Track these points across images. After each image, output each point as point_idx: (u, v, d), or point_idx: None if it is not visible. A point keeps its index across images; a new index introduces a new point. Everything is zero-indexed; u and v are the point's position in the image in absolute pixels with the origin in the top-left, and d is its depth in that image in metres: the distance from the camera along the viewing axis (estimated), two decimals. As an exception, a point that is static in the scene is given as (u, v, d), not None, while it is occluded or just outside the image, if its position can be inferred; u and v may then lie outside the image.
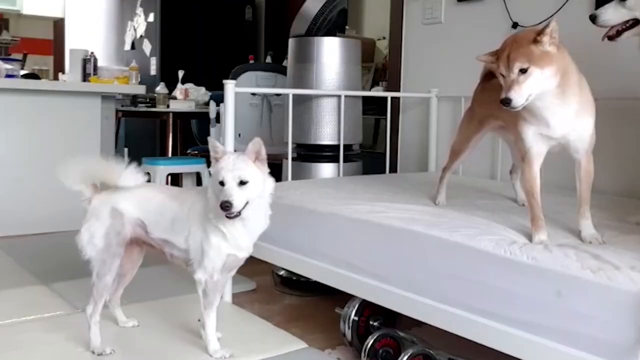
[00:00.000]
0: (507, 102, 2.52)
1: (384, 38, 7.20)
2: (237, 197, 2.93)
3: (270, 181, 3.20)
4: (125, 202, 3.36)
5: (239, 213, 2.95)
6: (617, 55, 2.90)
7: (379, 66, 7.46)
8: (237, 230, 3.13)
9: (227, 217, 2.96)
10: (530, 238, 2.70)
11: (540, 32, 2.50)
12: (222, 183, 2.98)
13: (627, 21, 2.87)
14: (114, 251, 3.30)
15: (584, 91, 2.69)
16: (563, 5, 4.26)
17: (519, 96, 2.51)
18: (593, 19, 2.92)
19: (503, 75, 2.58)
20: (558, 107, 2.64)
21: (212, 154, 3.15)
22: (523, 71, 2.51)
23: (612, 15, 2.88)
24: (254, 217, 3.13)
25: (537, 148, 2.76)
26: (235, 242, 3.16)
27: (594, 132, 2.74)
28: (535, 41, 2.51)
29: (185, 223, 3.26)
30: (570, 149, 2.75)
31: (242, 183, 2.97)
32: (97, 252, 3.29)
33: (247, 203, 2.98)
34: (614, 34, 2.91)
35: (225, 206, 2.88)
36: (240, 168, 3.03)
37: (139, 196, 3.41)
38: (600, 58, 2.93)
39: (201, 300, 3.22)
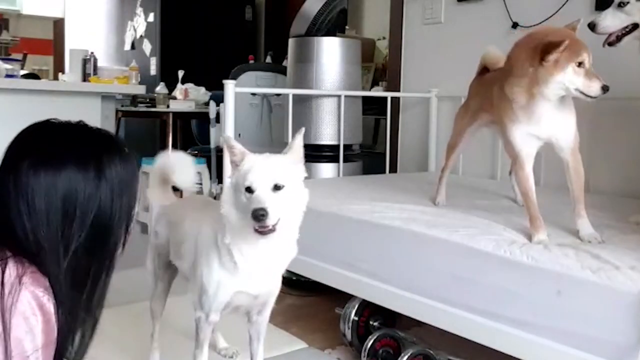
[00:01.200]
0: (606, 87, 2.62)
1: (383, 38, 7.20)
2: (272, 204, 2.28)
3: (306, 191, 2.53)
4: (160, 224, 3.10)
5: (274, 227, 2.31)
6: (616, 55, 2.90)
7: (379, 66, 7.47)
8: (257, 256, 2.50)
9: (259, 232, 2.31)
10: (529, 238, 2.70)
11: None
12: (249, 189, 2.33)
13: (627, 26, 2.87)
14: (157, 274, 3.10)
15: None
16: (562, 6, 4.26)
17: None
18: (592, 27, 2.93)
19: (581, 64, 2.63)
20: (554, 107, 2.69)
21: (229, 157, 2.53)
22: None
23: (611, 21, 2.89)
24: (282, 237, 2.47)
25: (527, 149, 2.79)
26: (248, 275, 2.53)
27: (576, 131, 2.78)
28: None
29: (192, 247, 2.72)
30: (556, 148, 2.78)
31: (277, 188, 2.34)
32: (148, 274, 3.12)
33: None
34: (614, 40, 2.92)
35: (260, 215, 2.22)
36: (274, 168, 2.42)
37: (173, 214, 3.02)
38: (599, 58, 2.93)
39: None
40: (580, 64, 2.56)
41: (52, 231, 1.66)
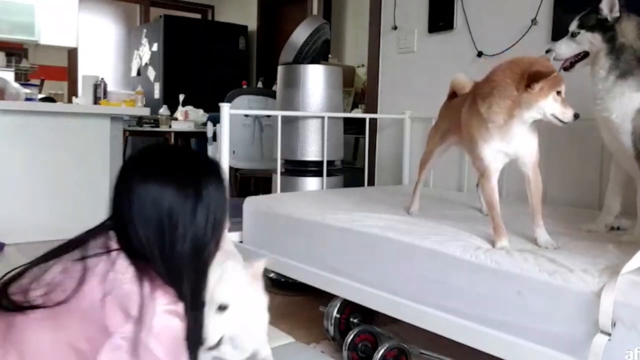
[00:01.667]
0: (577, 115, 2.63)
1: (362, 65, 7.19)
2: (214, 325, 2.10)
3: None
4: None
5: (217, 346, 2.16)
6: (572, 80, 2.90)
7: (358, 90, 7.46)
8: None
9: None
10: (493, 244, 2.70)
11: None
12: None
13: (579, 54, 2.89)
14: None
15: None
16: (522, 37, 4.27)
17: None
18: (549, 53, 2.95)
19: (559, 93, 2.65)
20: (521, 126, 2.69)
21: None
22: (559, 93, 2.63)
23: (565, 49, 2.92)
24: None
25: (495, 165, 2.79)
26: None
27: (538, 149, 2.79)
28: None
29: None
30: (520, 164, 2.78)
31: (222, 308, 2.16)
32: None
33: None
34: (568, 66, 2.94)
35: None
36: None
37: None
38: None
39: None
40: (559, 93, 2.58)
41: (160, 239, 1.75)
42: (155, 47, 9.61)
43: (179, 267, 1.77)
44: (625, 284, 2.10)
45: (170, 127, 7.72)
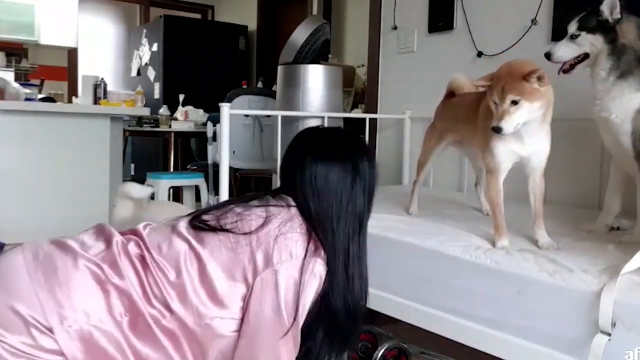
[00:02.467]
0: (498, 130, 2.55)
1: (362, 65, 7.19)
2: None
3: None
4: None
5: None
6: (572, 80, 2.90)
7: (358, 90, 7.45)
8: None
9: None
10: (493, 244, 2.70)
11: (530, 73, 2.51)
12: None
13: (578, 56, 2.88)
14: None
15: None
16: (522, 37, 4.27)
17: (509, 125, 2.54)
18: (548, 56, 2.93)
19: (495, 103, 2.60)
20: (538, 130, 2.68)
21: None
22: (514, 102, 2.53)
23: (564, 52, 2.89)
24: None
25: (506, 164, 2.78)
26: None
27: (548, 154, 2.78)
28: (526, 78, 2.52)
29: None
30: (529, 167, 2.77)
31: None
32: None
33: None
34: (568, 68, 2.92)
35: None
36: None
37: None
38: (557, 83, 2.93)
39: None
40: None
41: (329, 211, 2.12)
42: (155, 47, 9.61)
43: (340, 239, 2.11)
44: (625, 284, 2.11)
45: (170, 127, 7.71)
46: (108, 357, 1.83)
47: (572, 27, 2.88)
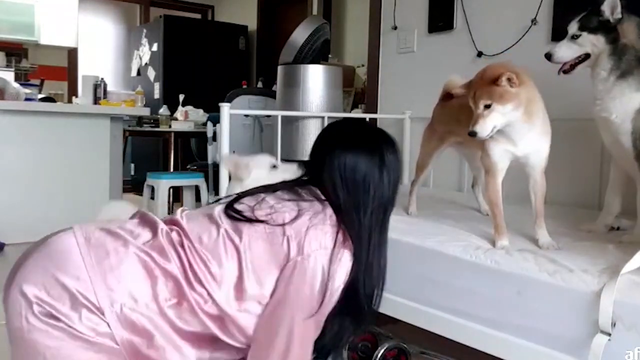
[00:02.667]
0: (473, 134, 2.59)
1: (362, 65, 7.19)
2: None
3: None
4: None
5: None
6: (572, 80, 2.90)
7: (358, 90, 7.45)
8: None
9: None
10: (493, 244, 2.70)
11: (499, 76, 2.53)
12: None
13: (579, 56, 2.87)
14: None
15: (545, 115, 2.73)
16: (522, 37, 4.27)
17: (484, 129, 2.57)
18: (549, 57, 2.93)
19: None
20: (526, 130, 2.67)
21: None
22: (487, 106, 2.56)
23: (565, 52, 2.89)
24: None
25: (502, 164, 2.78)
26: None
27: (548, 152, 2.77)
28: (496, 82, 2.54)
29: None
30: (528, 167, 2.77)
31: None
32: None
33: None
34: (568, 69, 2.92)
35: None
36: None
37: None
38: (557, 83, 2.94)
39: None
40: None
41: (357, 201, 2.18)
42: (155, 47, 9.61)
43: (365, 228, 2.18)
44: (625, 284, 2.11)
45: (170, 127, 7.71)
46: (152, 341, 1.93)
47: (573, 28, 2.88)
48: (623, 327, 2.05)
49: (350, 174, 2.19)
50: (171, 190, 6.79)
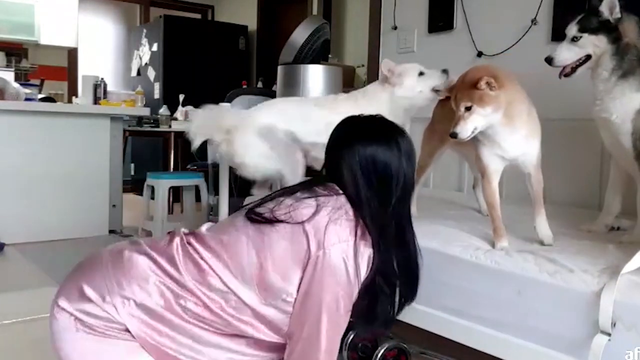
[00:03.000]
0: (454, 135, 2.63)
1: (362, 65, 7.19)
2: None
3: None
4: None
5: None
6: (572, 81, 2.90)
7: (358, 91, 7.46)
8: None
9: None
10: (493, 244, 2.70)
11: (478, 80, 2.56)
12: None
13: (580, 58, 2.86)
14: None
15: (531, 117, 2.74)
16: (522, 37, 4.28)
17: (464, 130, 2.61)
18: (549, 61, 2.92)
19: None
20: (507, 133, 2.68)
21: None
22: (467, 109, 2.59)
23: (566, 55, 2.87)
24: None
25: (494, 166, 2.79)
26: None
27: (540, 151, 2.78)
28: (476, 85, 2.56)
29: None
30: (520, 167, 2.79)
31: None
32: None
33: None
34: (570, 71, 2.90)
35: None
36: None
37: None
38: (557, 83, 2.94)
39: None
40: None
41: (380, 191, 2.24)
42: (155, 47, 9.61)
43: (390, 219, 2.27)
44: (625, 284, 2.11)
45: (170, 127, 7.71)
46: (162, 334, 2.09)
47: (572, 30, 2.86)
48: (623, 327, 2.05)
49: (372, 166, 2.25)
50: (171, 190, 6.79)
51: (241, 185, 7.32)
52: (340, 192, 2.25)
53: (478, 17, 4.66)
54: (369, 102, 3.41)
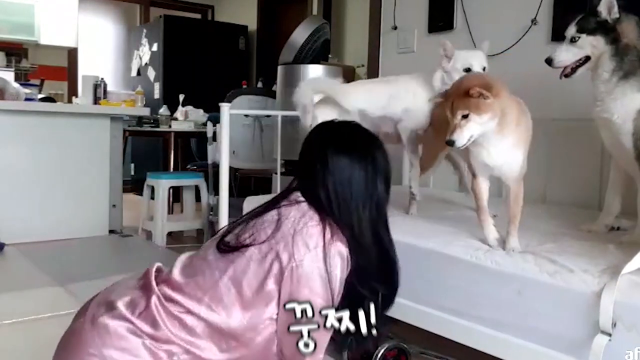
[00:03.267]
0: (451, 143, 2.62)
1: (362, 65, 7.19)
2: None
3: None
4: None
5: None
6: (572, 81, 2.90)
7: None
8: None
9: None
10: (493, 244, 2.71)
11: (472, 88, 2.56)
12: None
13: (580, 59, 2.86)
14: None
15: (520, 127, 2.74)
16: (522, 37, 4.28)
17: (461, 138, 2.60)
18: (549, 62, 2.93)
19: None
20: (497, 140, 2.69)
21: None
22: (464, 117, 2.58)
23: (565, 56, 2.88)
24: None
25: (479, 170, 2.84)
26: None
27: (524, 162, 2.78)
28: (470, 93, 2.57)
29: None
30: (502, 177, 2.80)
31: None
32: None
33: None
34: (569, 72, 2.91)
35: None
36: None
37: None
38: (557, 84, 2.94)
39: None
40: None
41: (349, 198, 2.25)
42: (155, 47, 9.61)
43: (361, 222, 2.26)
44: (626, 284, 2.11)
45: (170, 127, 7.71)
46: None
47: (571, 31, 2.87)
48: (623, 327, 2.05)
49: (343, 176, 2.26)
50: (171, 190, 6.78)
51: (241, 186, 7.35)
52: (301, 198, 2.28)
53: (478, 17, 4.66)
54: (425, 79, 3.52)
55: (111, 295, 2.24)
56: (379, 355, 3.00)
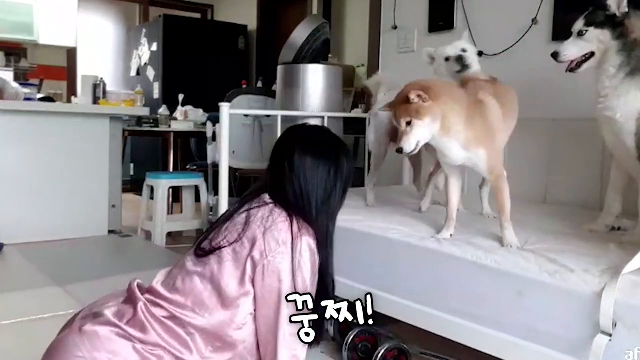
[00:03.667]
0: (400, 150, 2.72)
1: (362, 65, 7.19)
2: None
3: None
4: None
5: None
6: (572, 81, 2.90)
7: (358, 90, 7.43)
8: None
9: None
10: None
11: (409, 94, 2.65)
12: None
13: (585, 54, 2.86)
14: None
15: (474, 127, 2.81)
16: (523, 36, 4.27)
17: (409, 144, 2.69)
18: (555, 56, 2.93)
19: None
20: (445, 143, 2.80)
21: None
22: (408, 123, 2.67)
23: (571, 50, 2.88)
24: None
25: (447, 169, 3.00)
26: None
27: (493, 158, 2.83)
28: (409, 100, 2.65)
29: None
30: (478, 172, 2.92)
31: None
32: None
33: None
34: (575, 67, 2.91)
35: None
36: None
37: None
38: (558, 83, 2.95)
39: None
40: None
41: (314, 196, 2.38)
42: (154, 47, 9.61)
43: (322, 217, 2.39)
44: (627, 284, 2.11)
45: (169, 127, 7.70)
46: None
47: (579, 24, 2.87)
48: (624, 328, 2.05)
49: (309, 176, 2.38)
50: (171, 190, 6.78)
51: (241, 186, 7.34)
52: (269, 199, 2.38)
53: (478, 16, 4.67)
54: None
55: (96, 308, 2.29)
56: (379, 356, 3.01)
